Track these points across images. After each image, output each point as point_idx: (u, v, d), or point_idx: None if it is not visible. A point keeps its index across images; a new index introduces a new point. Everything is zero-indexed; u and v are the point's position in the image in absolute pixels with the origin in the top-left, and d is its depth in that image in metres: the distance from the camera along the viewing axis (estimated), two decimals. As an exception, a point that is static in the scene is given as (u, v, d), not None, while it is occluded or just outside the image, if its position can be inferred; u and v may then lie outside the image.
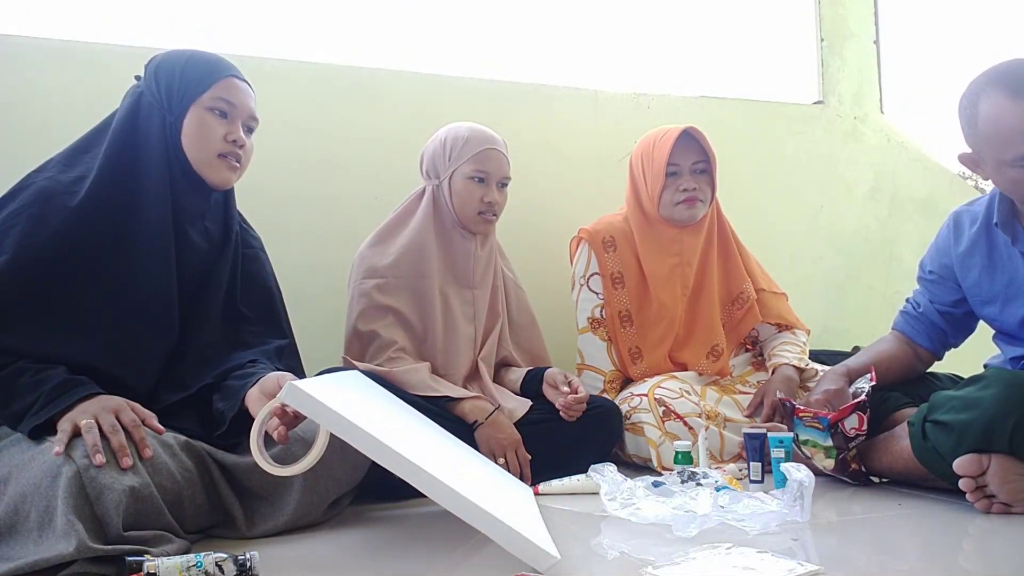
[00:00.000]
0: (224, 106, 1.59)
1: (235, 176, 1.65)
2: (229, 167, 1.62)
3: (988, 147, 1.64)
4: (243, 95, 1.63)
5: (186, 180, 1.59)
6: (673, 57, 3.02)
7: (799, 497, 1.50)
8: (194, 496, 1.41)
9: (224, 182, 1.63)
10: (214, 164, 1.60)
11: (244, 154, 1.64)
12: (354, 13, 2.61)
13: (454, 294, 2.09)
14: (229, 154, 1.60)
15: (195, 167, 1.59)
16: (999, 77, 1.61)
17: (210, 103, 1.58)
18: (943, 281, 1.95)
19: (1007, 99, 1.58)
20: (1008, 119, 1.58)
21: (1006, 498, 1.53)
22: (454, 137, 2.08)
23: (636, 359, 2.30)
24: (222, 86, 1.59)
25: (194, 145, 1.58)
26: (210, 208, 1.67)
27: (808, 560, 1.24)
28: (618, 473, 1.68)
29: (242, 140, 1.62)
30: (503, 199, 2.10)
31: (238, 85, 1.63)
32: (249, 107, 1.64)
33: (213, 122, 1.58)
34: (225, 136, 1.59)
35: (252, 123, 1.67)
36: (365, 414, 1.38)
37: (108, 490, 1.24)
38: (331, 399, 1.32)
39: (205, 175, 1.60)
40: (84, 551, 1.17)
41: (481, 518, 1.25)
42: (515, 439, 1.90)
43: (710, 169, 2.29)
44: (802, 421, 1.84)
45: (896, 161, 3.24)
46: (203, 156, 1.58)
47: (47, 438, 1.32)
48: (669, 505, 1.53)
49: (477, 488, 1.37)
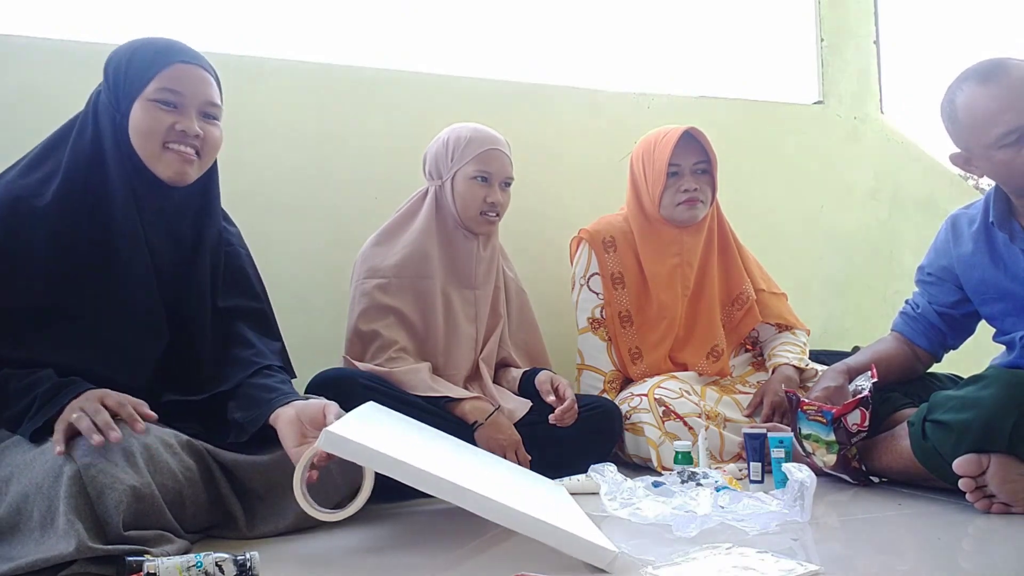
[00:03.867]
0: (170, 96, 1.48)
1: (191, 169, 1.52)
2: (181, 159, 1.50)
3: (972, 136, 1.70)
4: (194, 81, 1.51)
5: (140, 178, 1.50)
6: (673, 57, 3.01)
7: (799, 497, 1.50)
8: (195, 495, 1.40)
9: (177, 176, 1.51)
10: (162, 158, 1.49)
11: (204, 145, 1.52)
12: (354, 13, 2.61)
13: (456, 294, 2.09)
14: (178, 144, 1.49)
15: (146, 164, 1.49)
16: (968, 73, 1.72)
17: (154, 95, 1.48)
18: (942, 283, 1.95)
19: (978, 86, 1.68)
20: (982, 102, 1.67)
21: (1006, 498, 1.53)
22: (456, 137, 2.08)
23: (636, 359, 2.30)
24: (167, 75, 1.48)
25: (140, 139, 1.48)
26: (174, 206, 1.56)
27: (808, 560, 1.24)
28: (618, 473, 1.68)
29: (194, 129, 1.50)
30: (506, 199, 2.10)
31: (186, 71, 1.50)
32: (203, 93, 1.52)
33: (158, 114, 1.48)
34: (172, 126, 1.48)
35: (210, 109, 1.54)
36: (402, 447, 1.38)
37: (109, 489, 1.23)
38: (370, 440, 1.32)
39: (155, 170, 1.50)
40: (84, 551, 1.17)
41: (538, 528, 1.28)
42: (515, 439, 1.90)
43: (711, 170, 2.29)
44: (806, 414, 1.85)
45: (896, 161, 3.24)
46: (149, 150, 1.48)
47: (48, 438, 1.32)
48: (669, 505, 1.53)
49: (521, 497, 1.39)
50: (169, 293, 1.55)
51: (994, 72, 1.66)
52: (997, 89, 1.65)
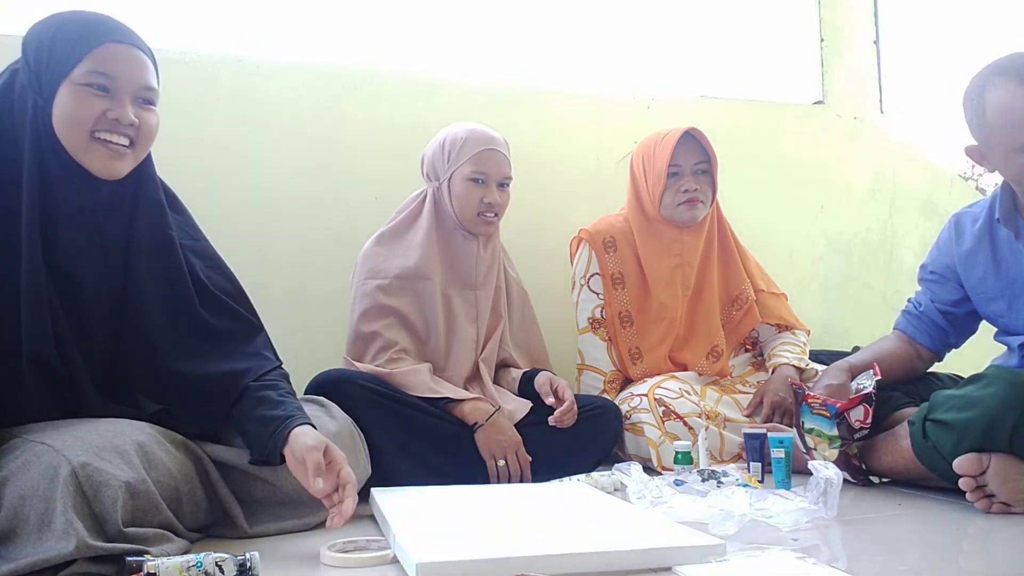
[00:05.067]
0: (100, 79, 1.32)
1: (124, 163, 1.37)
2: (111, 152, 1.35)
3: (997, 135, 1.67)
4: (128, 63, 1.35)
5: (65, 172, 1.34)
6: (673, 58, 3.01)
7: (824, 494, 1.50)
8: (192, 492, 1.39)
9: (108, 169, 1.35)
10: (90, 148, 1.33)
11: (139, 133, 1.37)
12: (354, 13, 2.61)
13: (456, 295, 2.09)
14: (109, 133, 1.34)
15: (72, 155, 1.33)
16: (1005, 67, 1.65)
17: (83, 78, 1.32)
18: (944, 281, 1.95)
19: (1016, 86, 1.62)
20: (1018, 105, 1.62)
21: (1006, 498, 1.53)
22: (452, 138, 2.08)
23: (636, 359, 2.30)
24: (97, 56, 1.32)
25: (65, 128, 1.32)
26: (103, 205, 1.39)
27: (811, 560, 1.24)
28: (643, 472, 1.68)
29: (128, 117, 1.34)
30: (505, 199, 2.09)
31: (120, 51, 1.35)
32: (138, 77, 1.36)
33: (88, 99, 1.32)
34: (104, 113, 1.33)
35: (146, 94, 1.38)
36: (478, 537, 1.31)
37: (105, 487, 1.21)
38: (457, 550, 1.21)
39: (84, 163, 1.34)
40: (84, 550, 1.15)
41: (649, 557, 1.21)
42: (515, 440, 1.90)
43: (711, 170, 2.30)
44: (810, 408, 1.85)
45: (896, 161, 3.24)
46: (76, 140, 1.33)
47: (44, 443, 1.27)
48: (704, 504, 1.52)
49: (599, 528, 1.35)
50: (103, 302, 1.41)
51: None
52: None
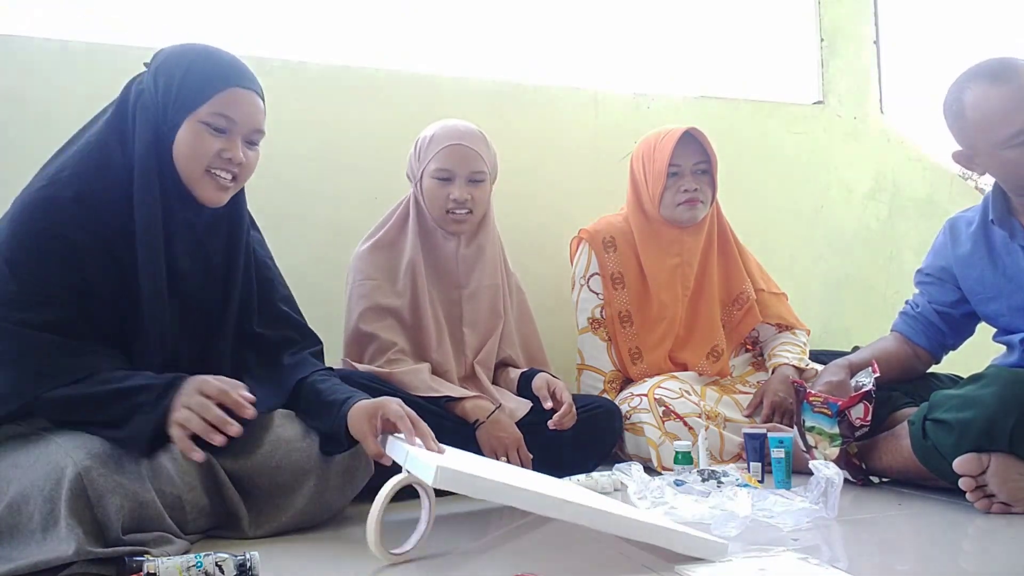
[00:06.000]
0: (223, 122, 1.46)
1: (227, 195, 1.52)
2: (218, 185, 1.49)
3: (980, 134, 1.71)
4: (247, 108, 1.49)
5: (176, 192, 1.48)
6: (673, 57, 3.01)
7: (824, 494, 1.50)
8: (195, 500, 1.40)
9: (213, 200, 1.50)
10: (202, 180, 1.47)
11: (241, 170, 1.52)
12: (354, 13, 2.61)
13: (440, 296, 2.08)
14: (220, 170, 1.48)
15: (184, 182, 1.47)
16: (976, 71, 1.72)
17: (207, 118, 1.45)
18: (941, 283, 1.96)
19: (989, 85, 1.68)
20: (993, 101, 1.67)
21: (1006, 497, 1.53)
22: (423, 137, 2.07)
23: (636, 359, 2.30)
24: (223, 99, 1.46)
25: (184, 159, 1.46)
26: (204, 224, 1.53)
27: (814, 561, 1.24)
28: (644, 472, 1.68)
29: (239, 158, 1.49)
30: (478, 195, 2.03)
31: (242, 97, 1.48)
32: (253, 121, 1.51)
33: (208, 138, 1.46)
34: (219, 153, 1.46)
35: (255, 136, 1.53)
36: (499, 476, 1.36)
37: (110, 494, 1.24)
38: (475, 470, 1.30)
39: (194, 191, 1.48)
40: (83, 554, 1.18)
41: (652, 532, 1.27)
42: (516, 437, 1.89)
43: (711, 170, 2.30)
44: (812, 406, 1.85)
45: (896, 161, 3.24)
46: (191, 171, 1.46)
47: (54, 439, 1.31)
48: (706, 504, 1.52)
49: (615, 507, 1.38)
50: (195, 315, 1.52)
51: (1004, 72, 1.67)
52: (1008, 89, 1.66)
